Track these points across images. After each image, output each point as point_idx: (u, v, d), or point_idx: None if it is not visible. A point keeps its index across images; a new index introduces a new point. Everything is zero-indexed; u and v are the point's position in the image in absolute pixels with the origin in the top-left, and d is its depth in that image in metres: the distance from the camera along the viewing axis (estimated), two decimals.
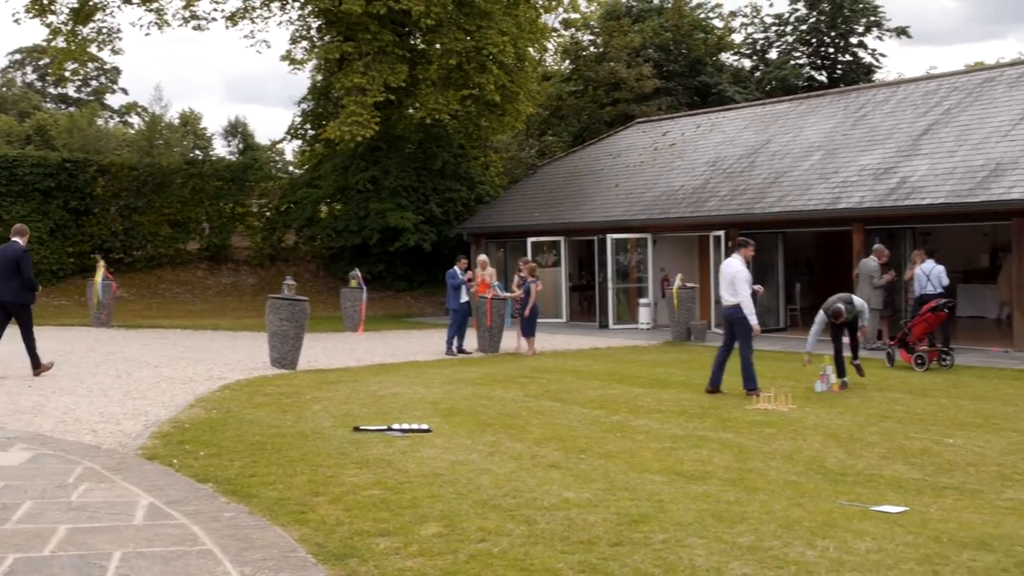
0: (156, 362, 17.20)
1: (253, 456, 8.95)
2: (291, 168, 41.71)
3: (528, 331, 19.33)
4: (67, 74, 42.29)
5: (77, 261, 32.51)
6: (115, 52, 34.67)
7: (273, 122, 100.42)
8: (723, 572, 5.70)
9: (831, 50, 46.66)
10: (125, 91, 65.87)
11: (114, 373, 15.41)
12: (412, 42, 32.22)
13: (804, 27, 46.41)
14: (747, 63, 48.98)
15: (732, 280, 13.10)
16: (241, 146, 44.01)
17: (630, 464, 8.67)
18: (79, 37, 31.32)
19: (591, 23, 41.74)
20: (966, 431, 10.30)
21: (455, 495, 7.49)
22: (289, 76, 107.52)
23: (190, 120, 45.84)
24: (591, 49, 42.70)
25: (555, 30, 37.60)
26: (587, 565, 5.81)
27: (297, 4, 32.27)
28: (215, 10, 33.47)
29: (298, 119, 36.73)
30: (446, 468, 8.45)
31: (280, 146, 43.56)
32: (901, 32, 46.60)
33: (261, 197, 37.22)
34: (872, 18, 45.95)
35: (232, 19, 31.70)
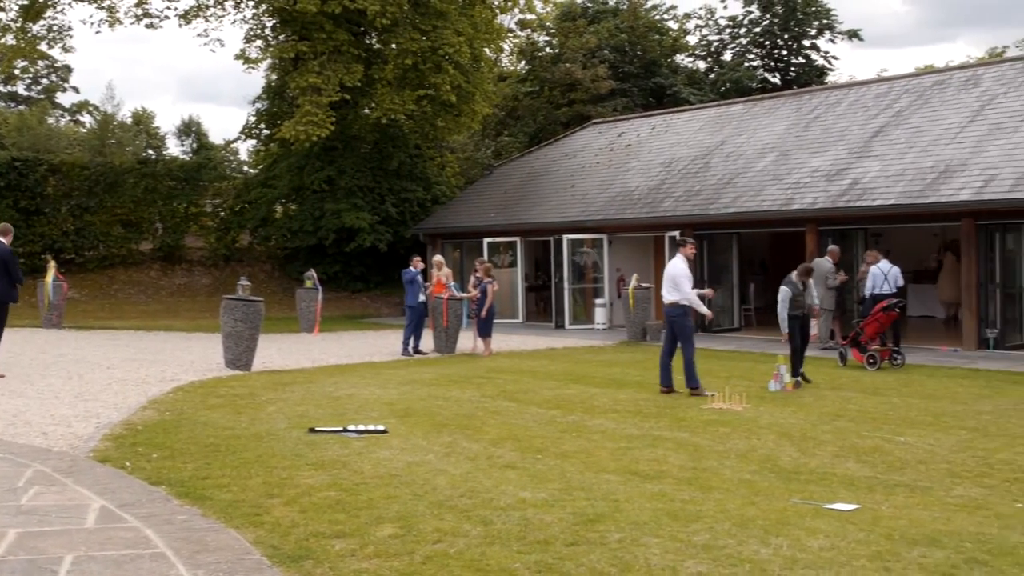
0: (108, 364, 17.00)
1: (207, 458, 8.88)
2: (246, 168, 41.37)
3: (484, 331, 19.33)
4: (17, 72, 41.70)
5: (27, 262, 31.90)
6: (66, 50, 34.22)
7: (227, 121, 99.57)
8: (678, 571, 5.74)
9: (784, 52, 47.10)
10: (76, 89, 64.88)
11: (65, 375, 15.21)
12: (368, 42, 32.09)
13: (758, 29, 46.80)
14: (702, 65, 49.32)
15: (673, 279, 13.23)
16: (195, 145, 43.62)
17: (586, 464, 8.70)
18: (29, 34, 30.91)
19: (547, 24, 41.78)
20: (917, 429, 10.44)
21: (411, 496, 7.47)
22: (243, 75, 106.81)
23: (143, 119, 45.41)
24: (547, 50, 42.78)
25: (511, 31, 37.62)
26: (543, 565, 5.82)
27: (251, 3, 32.04)
28: (168, 8, 32.92)
29: (252, 119, 36.50)
30: (402, 469, 8.43)
31: (234, 146, 43.11)
32: (853, 35, 47.15)
33: (215, 197, 36.87)
34: (824, 21, 46.44)
35: (185, 17, 31.41)
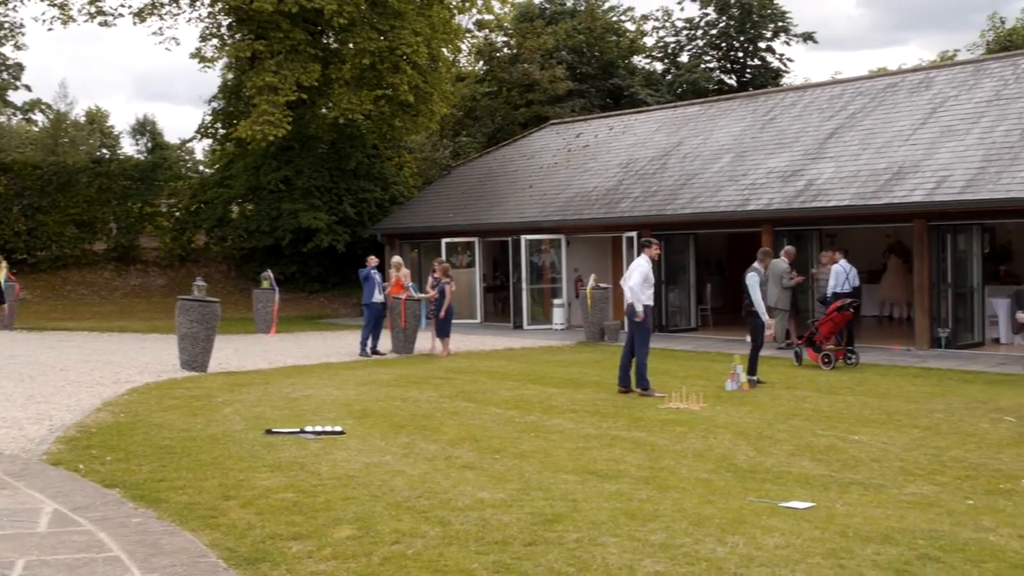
0: (61, 365, 16.81)
1: (162, 460, 8.81)
2: (201, 168, 41.08)
3: (442, 332, 19.30)
4: None
5: None
6: (18, 47, 33.88)
7: (183, 121, 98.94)
8: (635, 570, 5.76)
9: (740, 54, 47.48)
10: (28, 87, 63.87)
11: (17, 377, 15.03)
12: (325, 41, 31.94)
13: (714, 31, 47.14)
14: (659, 66, 49.57)
15: (630, 277, 13.28)
16: (150, 145, 43.29)
17: (544, 464, 8.72)
18: None
19: (505, 24, 41.83)
20: (870, 428, 10.56)
21: (369, 497, 7.45)
22: (199, 74, 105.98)
23: (97, 118, 44.93)
24: (505, 51, 42.82)
25: (469, 31, 37.61)
26: (501, 565, 5.83)
27: (207, 1, 31.77)
28: (122, 5, 32.55)
29: (208, 118, 36.25)
30: (360, 470, 8.41)
31: (190, 145, 42.90)
32: (808, 38, 47.65)
33: (170, 197, 36.59)
34: (780, 23, 46.87)
35: (140, 15, 31.11)
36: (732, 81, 47.13)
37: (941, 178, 18.62)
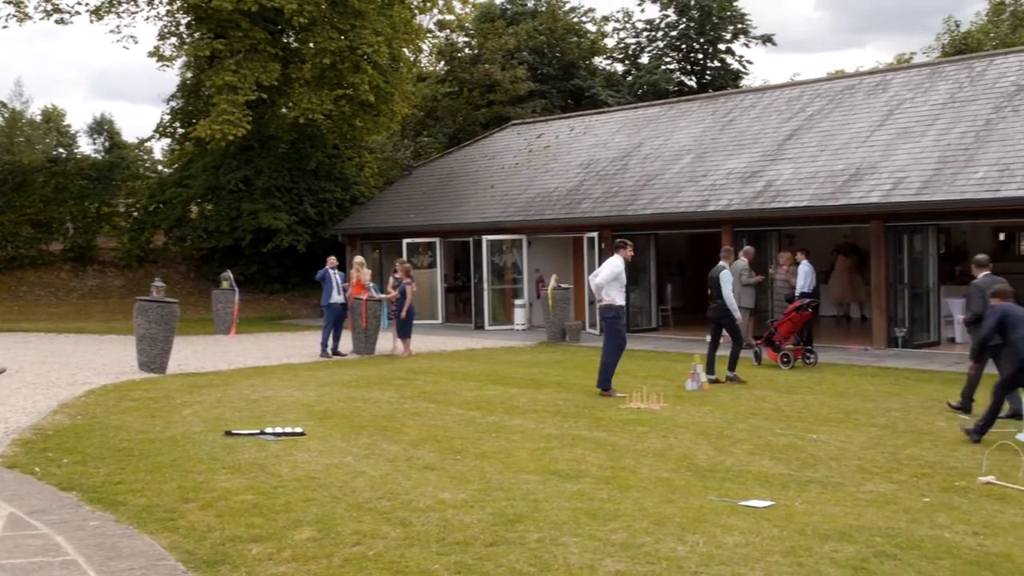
0: (17, 367, 16.61)
1: (120, 463, 8.73)
2: (160, 167, 40.65)
3: (404, 332, 19.27)
4: None
5: None
6: None
7: (141, 120, 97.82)
8: (597, 569, 5.79)
9: (700, 56, 47.74)
10: None
11: None
12: (285, 40, 31.76)
13: (674, 33, 47.35)
14: (619, 67, 49.72)
15: (609, 277, 13.30)
16: (107, 144, 42.74)
17: (505, 464, 8.73)
18: None
19: (466, 25, 41.82)
20: (829, 427, 10.67)
21: (330, 498, 7.43)
22: (157, 73, 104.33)
23: (53, 116, 44.38)
24: (466, 51, 42.80)
25: (430, 31, 37.53)
26: (463, 566, 5.83)
27: None
28: (79, 3, 32.15)
29: (167, 117, 35.84)
30: (320, 471, 8.38)
31: (148, 144, 42.30)
32: (767, 40, 47.98)
33: (128, 197, 36.20)
34: (739, 25, 47.17)
35: (97, 13, 30.74)
36: (692, 82, 47.39)
37: (898, 179, 18.83)
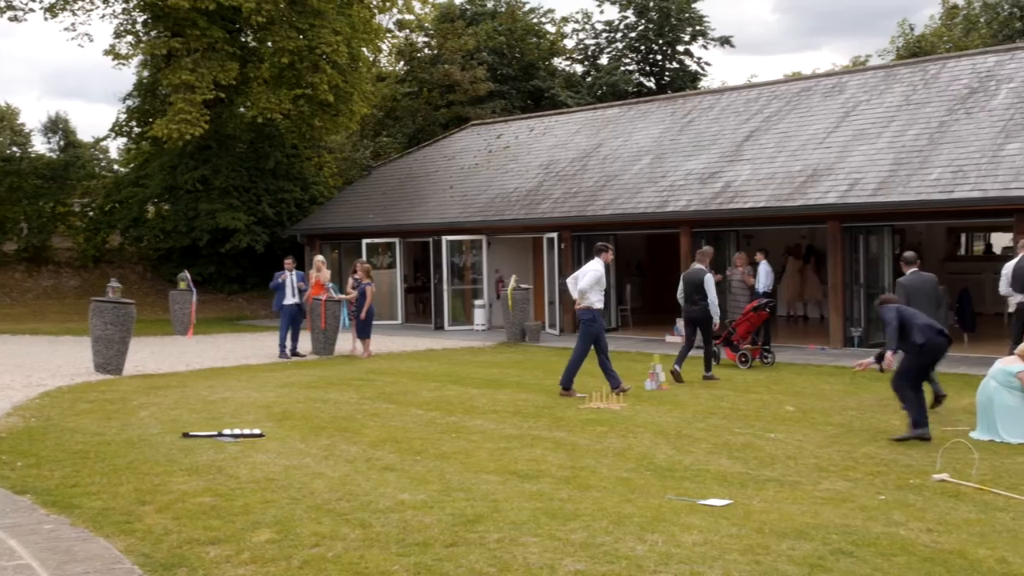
0: None
1: (75, 465, 8.63)
2: (116, 167, 40.23)
3: (363, 333, 19.21)
4: None
5: None
6: None
7: (97, 118, 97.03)
8: (556, 569, 5.80)
9: (659, 57, 47.97)
10: None
11: None
12: (243, 39, 31.56)
13: (633, 34, 47.53)
14: (579, 68, 49.83)
15: (582, 278, 13.31)
16: (62, 143, 42.31)
17: (465, 465, 8.73)
18: None
19: (425, 25, 41.75)
20: (786, 426, 10.76)
21: (288, 500, 7.39)
22: (113, 71, 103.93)
23: (6, 115, 43.82)
24: (425, 51, 42.71)
25: (389, 31, 37.42)
26: (422, 567, 5.83)
27: None
28: (33, 0, 31.84)
29: (123, 116, 35.48)
30: (279, 473, 8.33)
31: (104, 144, 41.92)
32: (725, 41, 48.30)
33: (84, 196, 35.76)
34: (698, 27, 47.44)
35: (51, 10, 30.39)
36: (651, 84, 47.61)
37: (854, 180, 19.03)
